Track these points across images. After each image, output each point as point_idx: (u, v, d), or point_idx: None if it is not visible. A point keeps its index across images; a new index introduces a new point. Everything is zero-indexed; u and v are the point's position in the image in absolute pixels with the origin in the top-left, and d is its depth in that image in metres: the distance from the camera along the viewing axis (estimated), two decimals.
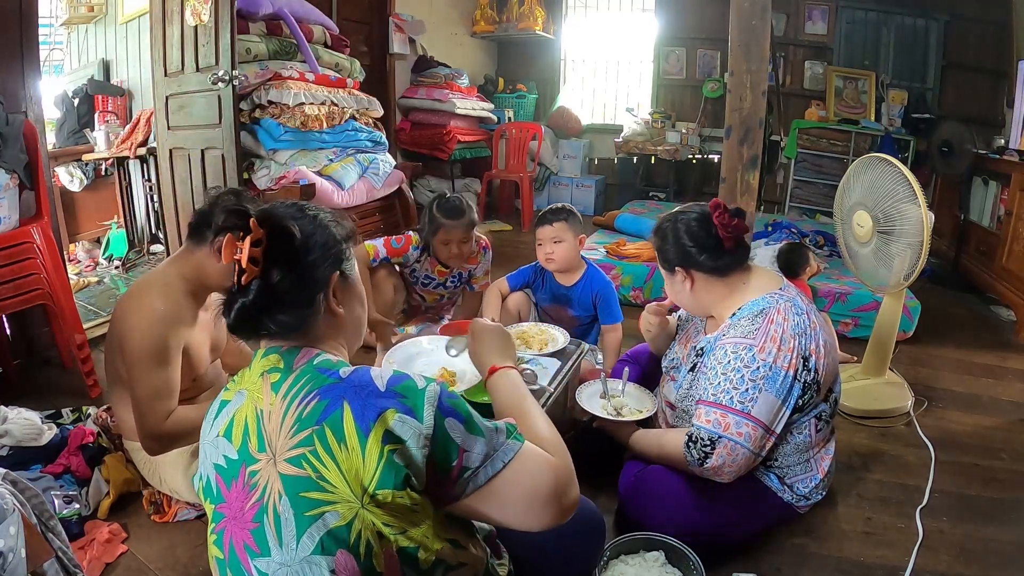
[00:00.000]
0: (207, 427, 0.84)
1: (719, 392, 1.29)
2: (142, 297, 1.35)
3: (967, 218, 3.57)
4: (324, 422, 0.71)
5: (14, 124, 1.88)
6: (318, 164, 2.91)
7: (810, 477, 1.41)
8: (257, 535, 0.73)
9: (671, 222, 1.46)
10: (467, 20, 5.30)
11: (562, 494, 0.77)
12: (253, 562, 0.74)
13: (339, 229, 0.87)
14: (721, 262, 1.39)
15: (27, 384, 2.11)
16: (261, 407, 0.77)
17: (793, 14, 4.77)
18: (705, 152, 5.07)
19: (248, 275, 0.76)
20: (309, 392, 0.74)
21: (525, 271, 2.17)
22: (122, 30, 3.78)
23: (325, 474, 0.70)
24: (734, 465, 1.27)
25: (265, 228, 0.78)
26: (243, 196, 1.42)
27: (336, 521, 0.69)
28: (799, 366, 1.27)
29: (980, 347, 2.66)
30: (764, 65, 2.25)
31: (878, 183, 1.99)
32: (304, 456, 0.71)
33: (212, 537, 0.80)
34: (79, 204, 3.67)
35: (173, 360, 1.33)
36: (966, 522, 1.51)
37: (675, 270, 1.44)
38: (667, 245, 1.45)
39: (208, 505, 0.81)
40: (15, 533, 0.88)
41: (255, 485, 0.74)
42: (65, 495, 1.41)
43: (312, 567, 0.70)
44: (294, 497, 0.71)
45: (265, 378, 0.79)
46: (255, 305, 0.78)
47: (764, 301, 1.34)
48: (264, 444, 0.75)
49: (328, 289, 0.84)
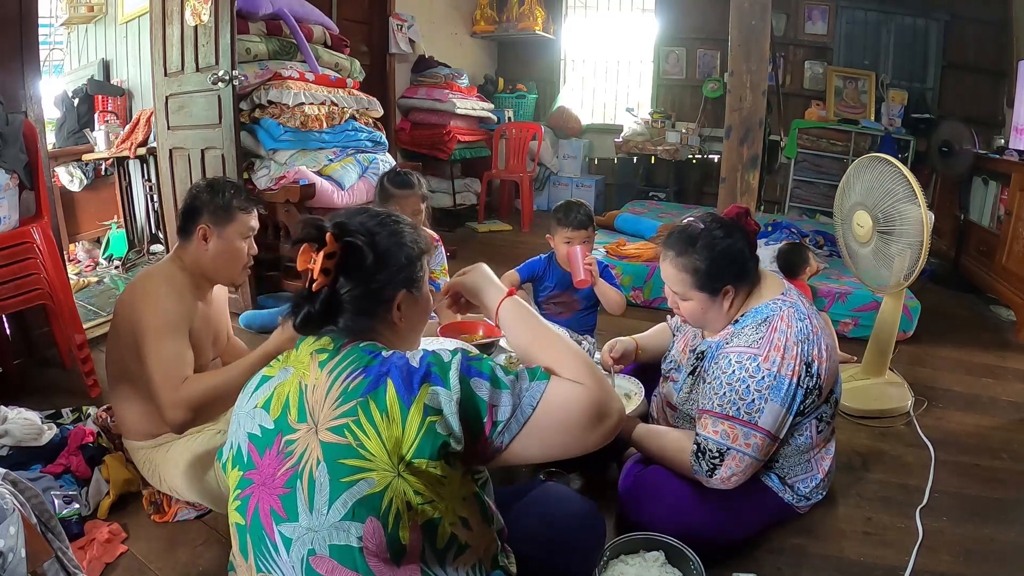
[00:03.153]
0: (244, 398, 0.88)
1: (725, 403, 1.28)
2: (147, 283, 1.40)
3: (967, 218, 3.57)
4: (368, 395, 0.76)
5: (14, 124, 1.88)
6: (318, 164, 2.91)
7: (810, 477, 1.41)
8: (286, 500, 0.76)
9: (714, 239, 1.32)
10: (467, 20, 5.30)
11: (602, 415, 0.79)
12: (278, 527, 0.77)
13: (415, 247, 0.91)
14: (755, 268, 1.38)
15: (27, 384, 2.11)
16: (306, 382, 0.81)
17: (793, 14, 4.77)
18: (705, 152, 5.07)
19: (318, 284, 0.82)
20: (355, 369, 0.79)
21: (534, 263, 2.20)
22: (122, 30, 3.78)
23: (365, 443, 0.74)
24: (742, 475, 1.28)
25: (340, 242, 0.83)
26: (220, 185, 1.48)
27: (370, 488, 0.73)
28: (802, 372, 1.27)
29: (980, 347, 2.66)
30: (764, 65, 2.25)
31: (878, 183, 1.99)
32: (347, 425, 0.75)
33: (235, 504, 0.83)
34: (79, 204, 3.67)
35: (182, 332, 1.36)
36: (966, 522, 1.51)
37: (725, 290, 1.34)
38: (716, 267, 1.32)
39: (235, 472, 0.84)
40: (15, 533, 0.88)
41: (291, 453, 0.78)
42: (65, 495, 1.41)
43: (340, 533, 0.74)
44: (332, 463, 0.74)
45: (314, 357, 0.83)
46: (321, 312, 0.84)
47: (768, 308, 1.33)
48: (306, 415, 0.79)
49: (394, 304, 0.88)
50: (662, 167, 5.23)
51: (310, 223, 0.84)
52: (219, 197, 1.45)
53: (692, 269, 1.33)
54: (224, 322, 1.64)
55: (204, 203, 1.45)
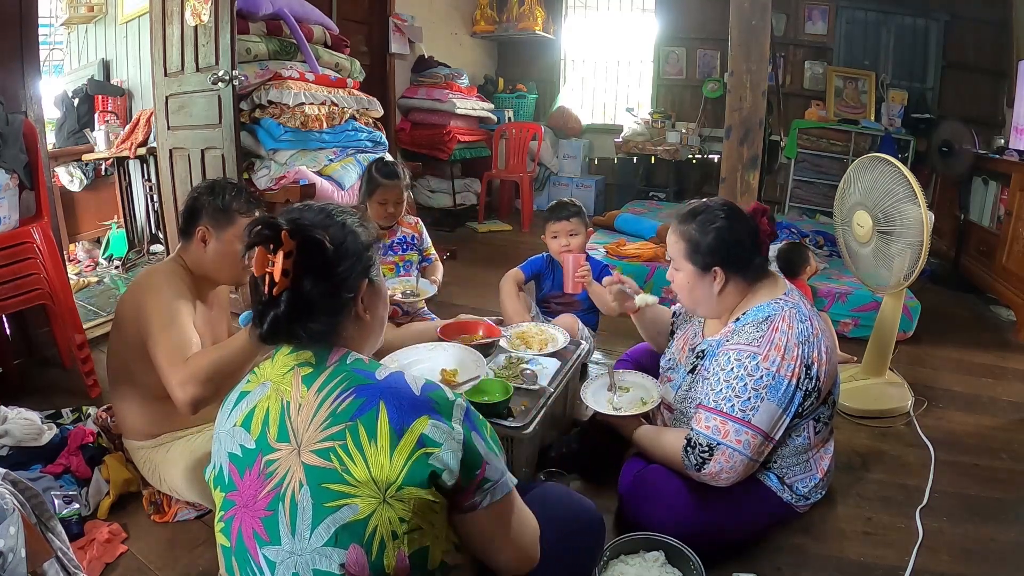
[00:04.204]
0: (223, 417, 0.86)
1: (720, 399, 1.28)
2: (151, 279, 1.43)
3: (967, 218, 3.56)
4: (359, 419, 0.74)
5: (14, 124, 1.88)
6: (318, 164, 2.91)
7: (809, 477, 1.41)
8: (268, 523, 0.75)
9: (715, 218, 1.36)
10: (467, 20, 5.30)
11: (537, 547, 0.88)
12: (261, 550, 0.75)
13: (366, 235, 0.88)
14: (755, 269, 1.38)
15: (27, 384, 2.11)
16: (288, 399, 0.78)
17: (793, 14, 4.77)
18: (705, 152, 5.07)
19: (280, 286, 0.77)
20: (345, 389, 0.76)
21: (537, 261, 2.27)
22: (122, 30, 3.78)
23: (351, 468, 0.72)
24: (732, 472, 1.28)
25: (296, 239, 0.78)
26: (220, 187, 1.49)
27: (353, 515, 0.72)
28: (801, 374, 1.27)
29: (980, 347, 2.66)
30: (764, 65, 2.25)
31: (878, 183, 1.99)
32: (333, 449, 0.73)
33: (219, 525, 0.81)
34: (79, 204, 3.67)
35: (187, 320, 1.37)
36: (966, 522, 1.51)
37: (711, 269, 1.37)
38: (708, 242, 1.35)
39: (218, 494, 0.82)
40: (15, 533, 0.88)
41: (272, 474, 0.76)
42: (65, 495, 1.41)
43: (323, 559, 0.72)
44: (316, 487, 0.73)
45: (296, 372, 0.80)
46: (287, 316, 0.79)
47: (769, 307, 1.33)
48: (288, 434, 0.76)
49: (358, 296, 0.85)
50: (662, 167, 5.23)
51: (261, 223, 0.79)
52: (219, 200, 1.45)
53: (687, 238, 1.38)
54: (224, 324, 1.64)
55: (204, 205, 1.45)
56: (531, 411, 1.44)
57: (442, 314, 2.48)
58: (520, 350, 1.76)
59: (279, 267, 0.76)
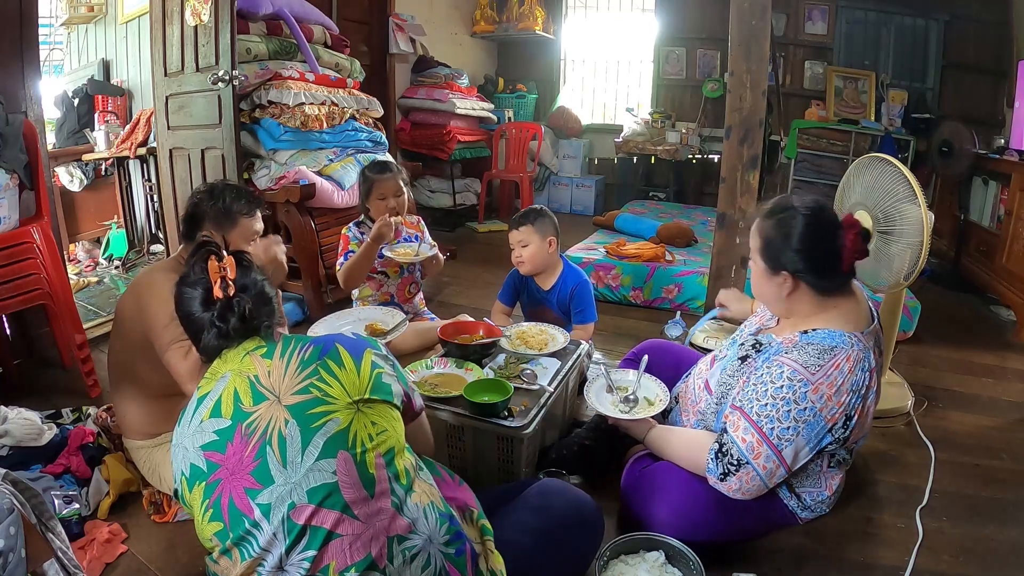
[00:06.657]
0: (184, 424, 0.91)
1: (763, 415, 1.24)
2: (151, 277, 1.43)
3: (967, 218, 3.56)
4: (324, 357, 0.90)
5: (14, 124, 1.88)
6: (318, 164, 2.91)
7: (818, 491, 1.40)
8: (259, 472, 0.82)
9: (794, 222, 1.28)
10: (467, 20, 5.30)
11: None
12: (254, 501, 0.81)
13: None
14: (832, 283, 1.30)
15: (27, 384, 2.11)
16: (255, 373, 0.89)
17: (793, 14, 4.77)
18: (705, 152, 5.07)
19: (233, 288, 0.93)
20: (303, 346, 0.92)
21: (507, 283, 2.26)
22: (122, 30, 3.78)
23: (328, 391, 0.86)
24: (747, 492, 1.27)
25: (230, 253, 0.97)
26: (220, 190, 1.50)
27: (337, 426, 0.84)
28: (839, 422, 1.24)
29: (980, 347, 2.66)
30: (764, 65, 2.25)
31: (878, 183, 1.99)
32: (311, 384, 0.87)
33: (207, 515, 0.84)
34: (79, 204, 3.67)
35: None
36: (966, 522, 1.51)
37: (780, 273, 1.30)
38: (780, 245, 1.29)
39: (198, 487, 0.85)
40: (15, 533, 0.88)
41: (254, 430, 0.84)
42: (65, 495, 1.41)
43: (316, 473, 0.82)
44: (301, 416, 0.84)
45: (252, 355, 0.92)
46: (256, 304, 0.95)
47: (840, 339, 1.25)
48: (264, 395, 0.87)
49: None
50: (662, 167, 5.23)
51: (204, 242, 1.00)
52: (220, 203, 1.45)
53: (763, 235, 1.32)
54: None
55: (205, 210, 1.45)
56: (531, 411, 1.44)
57: (442, 314, 2.48)
58: (520, 350, 1.76)
59: (232, 269, 0.93)
